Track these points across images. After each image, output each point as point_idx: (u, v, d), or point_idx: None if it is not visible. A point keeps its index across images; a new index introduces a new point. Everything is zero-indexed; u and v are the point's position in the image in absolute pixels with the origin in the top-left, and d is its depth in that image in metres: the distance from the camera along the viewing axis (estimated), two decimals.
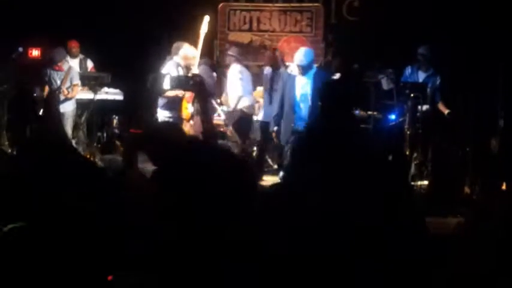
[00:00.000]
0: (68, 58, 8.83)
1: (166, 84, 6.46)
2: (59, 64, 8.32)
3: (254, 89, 8.09)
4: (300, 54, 6.55)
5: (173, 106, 6.83)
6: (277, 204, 2.06)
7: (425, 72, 7.33)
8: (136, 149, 3.62)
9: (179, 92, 6.70)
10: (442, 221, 4.97)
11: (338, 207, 2.23)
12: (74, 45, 8.94)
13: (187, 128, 6.63)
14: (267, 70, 8.02)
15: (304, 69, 6.49)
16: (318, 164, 2.83)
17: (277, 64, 7.96)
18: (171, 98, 6.86)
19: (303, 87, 6.51)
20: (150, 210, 2.37)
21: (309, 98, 6.47)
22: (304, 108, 6.51)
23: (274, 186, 2.17)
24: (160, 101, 6.91)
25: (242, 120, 7.65)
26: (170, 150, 3.25)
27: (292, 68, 7.01)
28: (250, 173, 2.23)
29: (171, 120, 6.88)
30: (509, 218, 2.09)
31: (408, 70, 7.42)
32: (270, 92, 7.80)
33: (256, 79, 8.22)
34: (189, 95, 6.66)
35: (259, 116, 8.06)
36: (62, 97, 8.15)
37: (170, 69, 6.77)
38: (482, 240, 2.05)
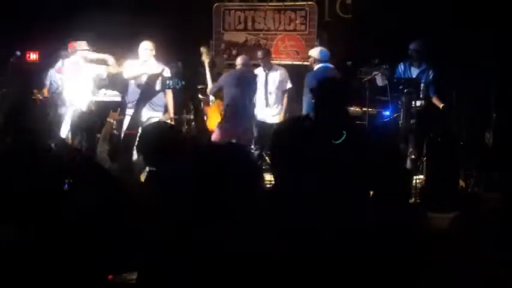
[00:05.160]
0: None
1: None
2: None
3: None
4: None
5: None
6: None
7: (418, 68, 7.32)
8: (130, 150, 3.69)
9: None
10: (438, 216, 4.99)
11: (332, 199, 2.28)
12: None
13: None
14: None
15: None
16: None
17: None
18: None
19: None
20: (145, 211, 2.44)
21: None
22: None
23: None
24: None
25: None
26: (167, 151, 3.32)
27: None
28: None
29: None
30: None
31: (401, 67, 7.41)
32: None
33: None
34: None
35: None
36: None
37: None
38: (478, 234, 2.09)
